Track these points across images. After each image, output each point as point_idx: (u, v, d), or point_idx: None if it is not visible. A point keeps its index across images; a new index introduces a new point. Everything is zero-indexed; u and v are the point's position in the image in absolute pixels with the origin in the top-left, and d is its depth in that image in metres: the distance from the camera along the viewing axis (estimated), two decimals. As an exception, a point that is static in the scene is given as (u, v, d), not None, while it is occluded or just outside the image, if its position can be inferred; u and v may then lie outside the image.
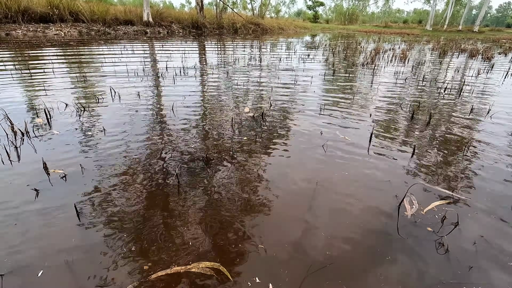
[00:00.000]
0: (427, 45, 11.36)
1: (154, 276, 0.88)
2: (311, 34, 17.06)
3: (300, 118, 2.38)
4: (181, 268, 0.91)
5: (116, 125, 2.07)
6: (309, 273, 0.92)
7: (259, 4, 19.82)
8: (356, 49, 8.61)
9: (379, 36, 17.43)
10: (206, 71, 4.31)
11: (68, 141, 1.78)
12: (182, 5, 54.09)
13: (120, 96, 2.77)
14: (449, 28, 29.10)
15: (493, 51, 8.81)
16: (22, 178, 1.37)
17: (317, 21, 37.83)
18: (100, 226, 1.08)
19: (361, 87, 3.66)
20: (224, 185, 1.39)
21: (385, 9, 64.95)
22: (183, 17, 13.01)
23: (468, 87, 3.85)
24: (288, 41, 11.16)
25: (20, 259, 0.93)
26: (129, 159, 1.60)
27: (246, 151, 1.74)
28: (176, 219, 1.14)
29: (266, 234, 1.08)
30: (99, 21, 10.38)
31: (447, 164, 1.69)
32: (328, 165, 1.61)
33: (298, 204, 1.27)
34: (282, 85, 3.57)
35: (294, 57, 6.26)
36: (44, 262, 0.93)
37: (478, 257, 1.02)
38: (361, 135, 2.07)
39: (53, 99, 2.56)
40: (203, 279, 0.89)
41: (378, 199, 1.32)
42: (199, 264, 0.92)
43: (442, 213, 1.24)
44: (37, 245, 0.99)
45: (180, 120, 2.24)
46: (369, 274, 0.93)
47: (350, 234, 1.10)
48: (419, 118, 2.50)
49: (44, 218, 1.12)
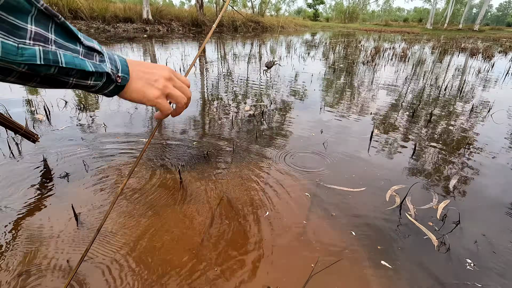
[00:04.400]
0: (427, 43, 11.35)
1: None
2: (311, 33, 17.02)
3: (300, 116, 2.37)
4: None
5: (116, 122, 2.06)
6: (313, 272, 0.92)
7: (259, 2, 19.76)
8: (356, 47, 8.59)
9: (379, 34, 17.40)
10: (205, 69, 4.29)
11: (69, 138, 1.77)
12: (182, 3, 53.84)
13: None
14: (450, 27, 29.06)
15: (493, 50, 8.80)
16: (21, 176, 1.36)
17: (317, 19, 37.74)
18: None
19: (361, 85, 3.65)
20: (224, 184, 1.38)
21: (385, 7, 64.80)
22: (183, 15, 12.96)
23: (469, 85, 3.85)
24: (288, 39, 11.13)
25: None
26: (129, 157, 1.59)
27: (246, 150, 1.74)
28: (178, 214, 1.14)
29: (265, 235, 1.08)
30: (98, 18, 10.34)
31: (448, 163, 1.69)
32: (329, 164, 1.61)
33: (298, 204, 1.26)
34: (282, 84, 3.56)
35: (294, 56, 6.25)
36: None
37: (480, 256, 1.02)
38: (361, 133, 2.07)
39: (53, 98, 2.55)
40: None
41: (378, 198, 1.32)
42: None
43: (443, 211, 1.24)
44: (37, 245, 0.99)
45: (180, 118, 2.23)
46: (368, 274, 0.93)
47: (350, 234, 1.10)
48: (420, 117, 2.49)
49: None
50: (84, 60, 0.39)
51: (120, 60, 0.46)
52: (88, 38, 0.42)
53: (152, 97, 0.48)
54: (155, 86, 0.48)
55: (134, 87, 0.47)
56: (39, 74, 0.36)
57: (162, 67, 0.51)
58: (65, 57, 0.37)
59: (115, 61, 0.44)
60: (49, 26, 0.36)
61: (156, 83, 0.48)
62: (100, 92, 0.44)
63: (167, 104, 0.51)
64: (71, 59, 0.37)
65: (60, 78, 0.38)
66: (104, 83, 0.42)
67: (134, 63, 0.48)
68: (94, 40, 0.43)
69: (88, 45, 0.41)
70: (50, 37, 0.36)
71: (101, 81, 0.42)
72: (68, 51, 0.37)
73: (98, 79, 0.41)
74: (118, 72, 0.44)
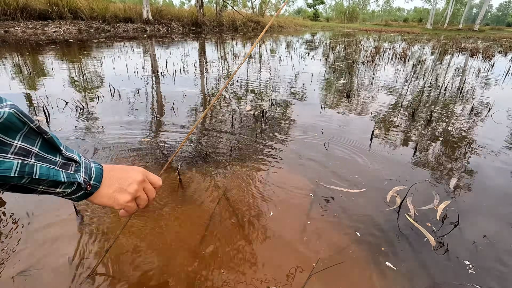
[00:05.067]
0: (427, 43, 11.35)
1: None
2: (311, 33, 17.02)
3: (300, 116, 2.37)
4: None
5: (116, 123, 2.06)
6: (315, 271, 0.92)
7: (259, 2, 19.75)
8: (356, 47, 8.59)
9: (379, 34, 17.40)
10: (206, 69, 4.29)
11: (68, 138, 1.77)
12: (182, 3, 53.82)
13: (120, 94, 2.76)
14: (450, 27, 29.07)
15: (493, 50, 8.80)
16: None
17: (317, 19, 37.74)
18: (101, 223, 1.08)
19: (362, 85, 3.65)
20: (224, 183, 1.38)
21: (385, 7, 64.80)
22: (183, 14, 12.95)
23: (469, 85, 3.85)
24: (288, 39, 11.13)
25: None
26: (129, 156, 1.59)
27: (246, 149, 1.73)
28: (177, 214, 1.14)
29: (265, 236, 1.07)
30: (98, 18, 10.33)
31: (448, 162, 1.69)
32: (330, 164, 1.61)
33: (300, 204, 1.26)
34: (282, 83, 3.56)
35: (294, 55, 6.25)
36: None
37: (479, 257, 1.02)
38: (362, 133, 2.07)
39: (52, 97, 2.55)
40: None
41: (379, 198, 1.32)
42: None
43: (443, 211, 1.24)
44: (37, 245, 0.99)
45: (180, 117, 2.23)
46: (368, 274, 0.93)
47: (349, 233, 1.10)
48: (420, 116, 2.49)
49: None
50: (59, 171, 0.42)
51: (95, 168, 0.49)
52: (69, 149, 0.46)
53: (123, 202, 0.52)
54: (128, 191, 0.52)
55: (105, 193, 0.50)
56: (9, 183, 0.37)
57: (137, 171, 0.55)
58: (41, 169, 0.39)
59: (90, 169, 0.48)
60: (36, 141, 0.39)
61: (129, 187, 0.52)
62: (68, 197, 0.46)
63: (135, 206, 0.55)
64: (46, 170, 0.40)
65: (29, 186, 0.40)
66: (73, 190, 0.45)
67: (110, 168, 0.52)
68: (75, 151, 0.47)
69: (67, 156, 0.44)
70: (33, 150, 0.38)
71: (71, 189, 0.44)
72: (46, 163, 0.40)
73: (68, 187, 0.44)
74: (91, 180, 0.47)
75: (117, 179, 0.51)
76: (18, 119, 0.36)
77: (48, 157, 0.41)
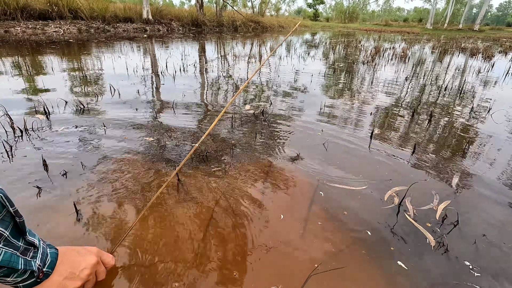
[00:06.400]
0: (427, 43, 11.35)
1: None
2: (311, 32, 17.02)
3: (300, 116, 2.37)
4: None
5: (116, 122, 2.06)
6: (315, 272, 0.92)
7: (259, 2, 19.76)
8: (356, 47, 8.59)
9: (379, 34, 17.40)
10: (206, 69, 4.30)
11: (68, 138, 1.77)
12: (182, 3, 53.84)
13: (120, 93, 2.76)
14: (450, 27, 29.07)
15: (493, 50, 8.81)
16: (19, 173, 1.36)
17: (317, 19, 37.75)
18: (100, 221, 1.08)
19: (362, 85, 3.65)
20: (224, 184, 1.38)
21: (385, 7, 64.80)
22: (183, 14, 12.96)
23: (469, 85, 3.85)
24: (287, 39, 11.13)
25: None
26: (129, 156, 1.59)
27: (245, 149, 1.73)
28: (176, 215, 1.13)
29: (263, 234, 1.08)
30: (98, 18, 10.34)
31: (448, 162, 1.69)
32: (331, 164, 1.61)
33: (298, 203, 1.26)
34: (282, 83, 3.56)
35: (294, 55, 6.25)
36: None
37: (479, 257, 1.02)
38: (361, 132, 2.07)
39: (52, 97, 2.55)
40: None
41: (378, 198, 1.32)
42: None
43: (442, 211, 1.24)
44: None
45: (181, 117, 2.23)
46: (367, 274, 0.93)
47: (349, 232, 1.10)
48: (420, 116, 2.49)
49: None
50: (19, 257, 0.42)
51: (51, 253, 0.50)
52: (32, 233, 0.47)
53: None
54: (79, 276, 0.54)
55: (55, 280, 0.51)
56: None
57: (91, 254, 0.57)
58: (5, 255, 0.39)
59: (47, 255, 0.49)
60: (9, 225, 0.40)
61: (82, 272, 0.54)
62: (14, 285, 0.46)
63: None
64: (9, 257, 0.40)
65: None
66: (23, 279, 0.45)
67: (65, 252, 0.53)
68: (36, 235, 0.48)
69: (29, 241, 0.45)
70: (5, 234, 0.39)
71: (21, 277, 0.44)
72: (11, 248, 0.41)
73: (20, 275, 0.44)
74: (44, 267, 0.48)
75: (71, 263, 0.53)
76: (1, 202, 0.36)
77: (13, 242, 0.41)
